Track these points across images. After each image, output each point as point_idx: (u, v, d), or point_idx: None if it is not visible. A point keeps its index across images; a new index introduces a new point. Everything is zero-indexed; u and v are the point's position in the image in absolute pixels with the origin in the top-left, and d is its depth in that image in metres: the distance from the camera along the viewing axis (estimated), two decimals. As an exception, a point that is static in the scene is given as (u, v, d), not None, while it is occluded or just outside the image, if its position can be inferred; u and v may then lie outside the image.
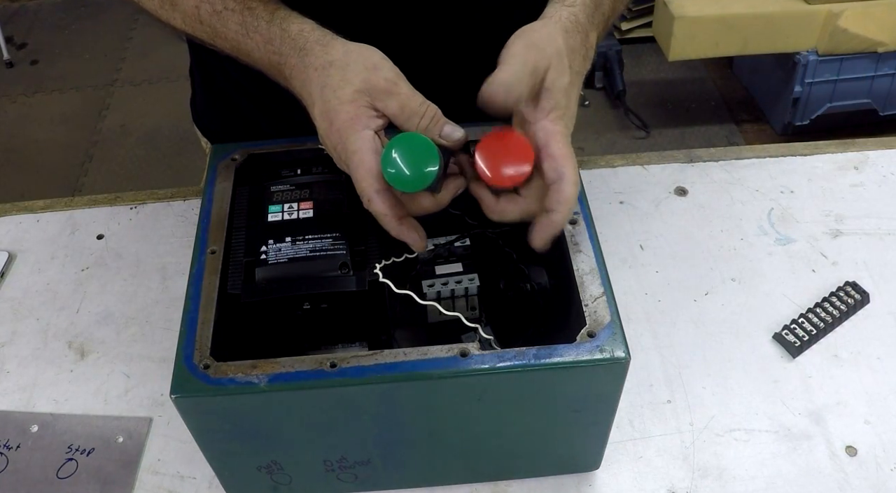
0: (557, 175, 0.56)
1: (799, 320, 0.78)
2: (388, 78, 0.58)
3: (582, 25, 0.61)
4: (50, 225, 0.93)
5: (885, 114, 2.26)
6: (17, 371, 0.79)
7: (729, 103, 2.55)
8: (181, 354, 0.56)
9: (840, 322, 0.78)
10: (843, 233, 0.87)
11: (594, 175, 0.94)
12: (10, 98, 2.74)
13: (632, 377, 0.70)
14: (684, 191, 0.92)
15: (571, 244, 0.62)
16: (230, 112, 0.89)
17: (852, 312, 0.79)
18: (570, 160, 0.57)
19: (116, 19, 3.05)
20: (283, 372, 0.55)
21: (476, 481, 0.69)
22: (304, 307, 0.61)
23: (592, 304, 0.58)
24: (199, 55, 0.90)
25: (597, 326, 0.57)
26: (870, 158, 0.95)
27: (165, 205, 0.94)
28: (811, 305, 0.79)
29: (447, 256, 0.67)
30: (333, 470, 0.64)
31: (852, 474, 0.68)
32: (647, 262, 0.85)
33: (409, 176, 0.56)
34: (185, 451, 0.72)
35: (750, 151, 0.97)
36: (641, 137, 2.45)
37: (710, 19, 2.08)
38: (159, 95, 2.71)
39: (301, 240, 0.63)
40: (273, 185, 0.67)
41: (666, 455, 0.70)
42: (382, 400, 0.57)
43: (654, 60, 2.65)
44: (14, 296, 0.86)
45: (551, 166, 0.57)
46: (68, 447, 0.72)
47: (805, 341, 0.76)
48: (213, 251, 0.62)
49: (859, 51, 2.09)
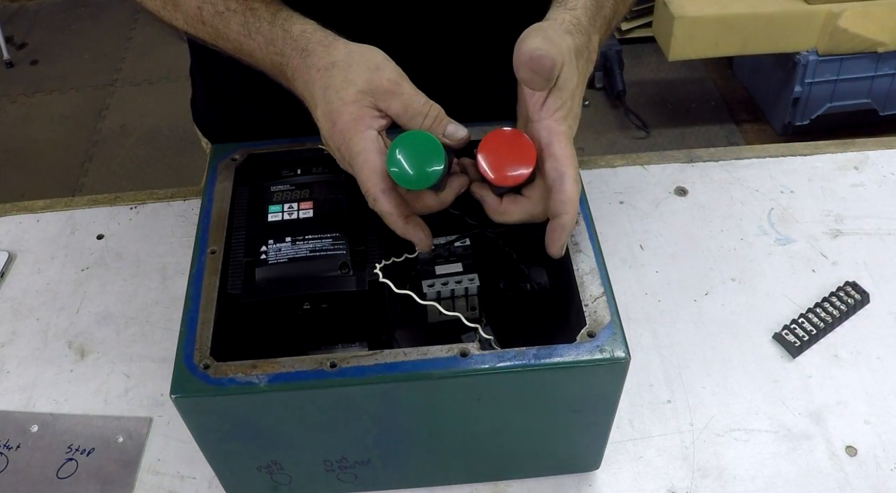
0: (558, 175, 0.56)
1: (799, 320, 0.78)
2: (390, 78, 0.58)
3: (584, 28, 0.61)
4: (50, 225, 0.93)
5: (885, 114, 2.26)
6: (17, 371, 0.79)
7: (729, 103, 2.56)
8: (181, 354, 0.56)
9: (840, 322, 0.78)
10: (843, 233, 0.87)
11: (594, 175, 0.94)
12: (10, 98, 2.74)
13: (632, 377, 0.70)
14: (684, 191, 0.92)
15: (571, 244, 0.62)
16: (230, 112, 0.89)
17: (852, 312, 0.79)
18: (571, 161, 0.57)
19: (116, 19, 3.05)
20: (283, 372, 0.55)
21: (476, 481, 0.69)
22: (304, 307, 0.61)
23: (592, 304, 0.58)
24: (199, 55, 0.90)
25: (597, 326, 0.57)
26: (870, 158, 0.95)
27: (165, 205, 0.94)
28: (811, 305, 0.79)
29: (447, 256, 0.67)
30: (333, 470, 0.64)
31: (852, 474, 0.68)
32: (647, 262, 0.85)
33: (413, 175, 0.56)
34: (185, 451, 0.72)
35: (750, 151, 0.97)
36: (641, 137, 2.45)
37: (710, 19, 2.08)
38: (159, 95, 2.71)
39: (301, 240, 0.63)
40: (273, 185, 0.67)
41: (666, 455, 0.70)
42: (382, 400, 0.57)
43: (654, 60, 2.65)
44: (14, 296, 0.86)
45: (553, 166, 0.57)
46: (68, 447, 0.72)
47: (805, 341, 0.76)
48: (213, 251, 0.62)
49: (859, 51, 2.09)
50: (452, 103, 0.60)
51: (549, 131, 0.57)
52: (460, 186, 0.60)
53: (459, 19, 0.77)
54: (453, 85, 0.67)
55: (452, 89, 0.64)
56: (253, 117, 0.87)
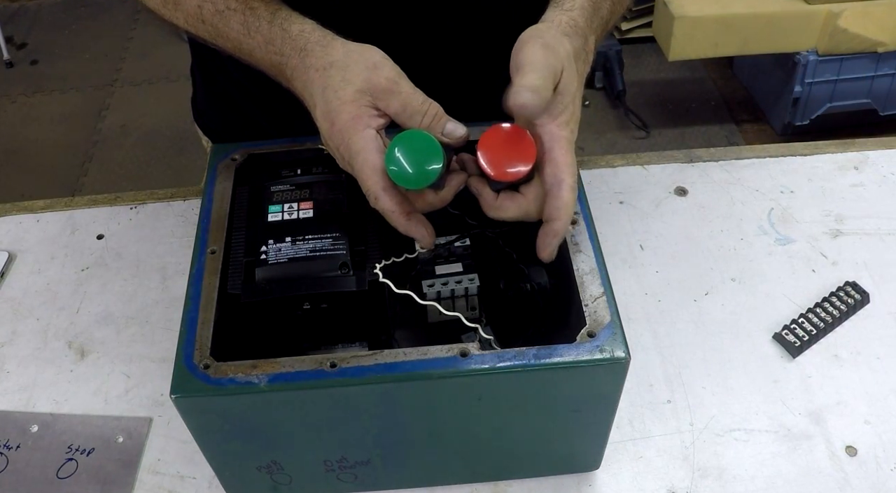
0: (556, 181, 0.56)
1: (799, 320, 0.78)
2: (388, 77, 0.58)
3: (581, 29, 0.61)
4: (50, 225, 0.93)
5: (885, 114, 2.26)
6: (17, 371, 0.79)
7: (729, 103, 2.55)
8: (181, 354, 0.56)
9: (840, 322, 0.78)
10: (843, 233, 0.87)
11: (594, 175, 0.94)
12: (10, 98, 2.74)
13: (632, 377, 0.70)
14: (684, 191, 0.92)
15: (571, 244, 0.62)
16: (231, 111, 0.89)
17: (852, 312, 0.79)
18: (571, 168, 0.57)
19: (116, 19, 3.05)
20: (283, 372, 0.55)
21: (476, 481, 0.69)
22: (304, 307, 0.61)
23: (592, 304, 0.58)
24: (200, 54, 0.90)
25: (597, 326, 0.57)
26: (870, 158, 0.95)
27: (165, 205, 0.94)
28: (811, 305, 0.79)
29: (447, 256, 0.67)
30: (333, 470, 0.64)
31: (852, 474, 0.68)
32: (647, 262, 0.85)
33: (412, 174, 0.56)
34: (185, 451, 0.72)
35: (750, 151, 0.97)
36: (641, 137, 2.45)
37: (710, 19, 2.08)
38: (159, 95, 2.71)
39: (301, 240, 0.63)
40: (273, 185, 0.67)
41: (666, 455, 0.70)
42: (382, 400, 0.57)
43: (654, 60, 2.65)
44: (14, 296, 0.86)
45: (552, 171, 0.57)
46: (68, 447, 0.72)
47: (805, 341, 0.76)
48: (213, 251, 0.62)
49: (859, 51, 2.09)
50: (452, 102, 0.60)
51: (550, 136, 0.57)
52: (459, 184, 0.60)
53: (458, 18, 0.77)
54: (452, 83, 0.67)
55: (452, 88, 0.64)
56: (253, 117, 0.87)
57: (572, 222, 0.63)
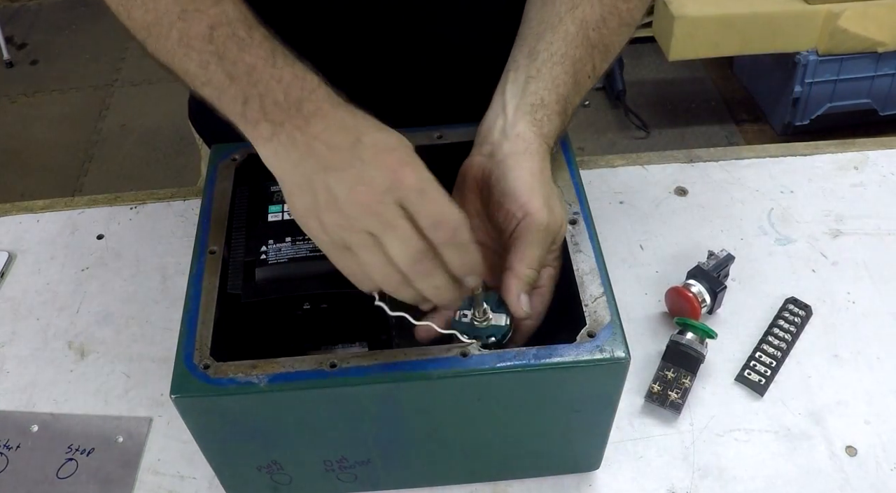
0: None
1: (756, 355, 0.75)
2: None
3: (552, 107, 0.61)
4: (50, 225, 0.93)
5: (885, 114, 2.26)
6: (16, 371, 0.79)
7: (729, 103, 2.56)
8: (181, 354, 0.56)
9: (793, 344, 0.76)
10: (843, 233, 0.87)
11: (594, 175, 0.94)
12: (10, 98, 2.74)
13: (632, 377, 0.70)
14: (684, 191, 0.92)
15: (571, 244, 0.62)
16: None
17: (801, 329, 0.77)
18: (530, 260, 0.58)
19: (116, 19, 3.05)
20: (283, 372, 0.55)
21: (476, 481, 0.69)
22: (304, 307, 0.61)
23: (592, 304, 0.58)
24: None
25: (597, 326, 0.57)
26: (870, 158, 0.95)
27: (165, 205, 0.94)
28: (757, 339, 0.77)
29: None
30: (333, 470, 0.64)
31: (852, 474, 0.68)
32: (647, 262, 0.85)
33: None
34: (185, 451, 0.72)
35: (750, 151, 0.97)
36: (641, 137, 2.45)
37: (710, 19, 2.08)
38: (159, 95, 2.71)
39: (301, 240, 0.63)
40: (273, 185, 0.67)
41: (666, 455, 0.70)
42: (382, 400, 0.57)
43: (654, 60, 2.65)
44: (14, 296, 0.86)
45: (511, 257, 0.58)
46: (68, 447, 0.72)
47: (769, 377, 0.74)
48: (213, 251, 0.62)
49: (859, 51, 2.09)
50: (448, 104, 0.60)
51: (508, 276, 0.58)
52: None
53: (453, 21, 0.77)
54: (450, 83, 0.67)
55: (447, 89, 0.63)
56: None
57: (572, 222, 0.63)
